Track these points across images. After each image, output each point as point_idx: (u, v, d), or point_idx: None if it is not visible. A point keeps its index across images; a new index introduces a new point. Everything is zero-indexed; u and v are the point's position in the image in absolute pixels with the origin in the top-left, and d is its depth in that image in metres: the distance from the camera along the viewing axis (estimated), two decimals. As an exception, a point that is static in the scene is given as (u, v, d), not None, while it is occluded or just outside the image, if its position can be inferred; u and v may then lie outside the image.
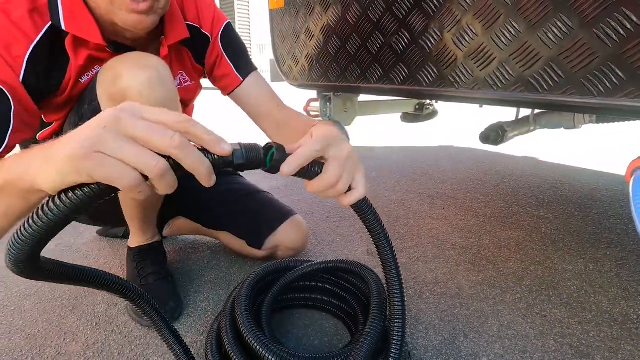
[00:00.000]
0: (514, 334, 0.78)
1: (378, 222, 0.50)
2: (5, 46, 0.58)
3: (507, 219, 1.37)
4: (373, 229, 0.51)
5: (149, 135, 0.31)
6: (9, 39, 0.58)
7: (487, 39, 0.67)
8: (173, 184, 0.33)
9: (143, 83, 0.60)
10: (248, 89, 0.86)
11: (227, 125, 3.56)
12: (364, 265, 0.76)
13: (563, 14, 0.56)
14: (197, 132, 0.33)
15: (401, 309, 0.53)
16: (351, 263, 0.77)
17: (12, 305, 0.87)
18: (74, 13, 0.61)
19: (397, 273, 0.53)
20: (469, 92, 0.72)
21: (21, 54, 0.59)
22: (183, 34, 0.76)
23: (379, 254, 0.53)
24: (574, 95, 0.57)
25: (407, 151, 2.56)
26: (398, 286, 0.53)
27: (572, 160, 2.27)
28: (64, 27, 0.61)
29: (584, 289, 0.94)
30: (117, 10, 0.59)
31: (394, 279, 0.53)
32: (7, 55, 0.58)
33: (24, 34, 0.59)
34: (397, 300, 0.53)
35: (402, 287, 0.54)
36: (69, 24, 0.61)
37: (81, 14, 0.62)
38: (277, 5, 1.19)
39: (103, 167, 0.30)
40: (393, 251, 0.52)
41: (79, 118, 0.68)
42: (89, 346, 0.75)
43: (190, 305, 0.88)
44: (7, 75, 0.58)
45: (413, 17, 0.80)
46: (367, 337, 0.56)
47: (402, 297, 0.53)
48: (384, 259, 0.52)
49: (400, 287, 0.53)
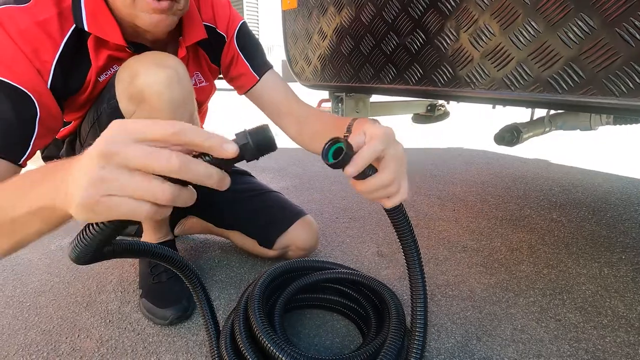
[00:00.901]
0: (527, 338, 0.77)
1: (410, 228, 0.49)
2: (34, 51, 0.58)
3: (519, 222, 1.35)
4: (403, 236, 0.49)
5: (147, 163, 0.29)
6: (37, 43, 0.58)
7: (504, 38, 0.67)
8: (189, 198, 0.32)
9: (161, 82, 0.60)
10: (265, 88, 0.86)
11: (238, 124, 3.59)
12: (379, 281, 0.77)
13: (584, 14, 0.56)
14: (194, 139, 0.30)
15: (423, 320, 0.52)
16: (367, 277, 0.78)
17: (27, 302, 0.89)
18: (96, 15, 0.62)
19: (423, 286, 0.51)
20: (485, 92, 0.72)
21: (49, 59, 0.60)
22: (201, 35, 0.76)
23: (406, 259, 0.51)
24: (594, 95, 0.56)
25: (417, 152, 2.55)
26: (422, 302, 0.51)
27: (585, 162, 2.24)
28: (87, 28, 0.61)
29: (599, 293, 0.92)
30: (138, 12, 0.60)
31: (420, 293, 0.51)
32: (36, 60, 0.58)
33: (51, 38, 0.60)
34: (420, 311, 0.52)
35: (426, 301, 0.52)
36: (92, 25, 0.62)
37: (103, 16, 0.63)
38: (290, 6, 1.20)
39: (117, 208, 0.30)
40: (420, 259, 0.51)
41: (96, 116, 0.69)
42: (102, 343, 0.75)
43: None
44: (35, 82, 0.58)
45: (428, 17, 0.80)
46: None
47: (425, 311, 0.52)
48: (410, 264, 0.51)
49: (425, 303, 0.52)
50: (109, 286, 0.94)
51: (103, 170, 0.29)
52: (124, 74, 0.62)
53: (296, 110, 0.85)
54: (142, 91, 0.60)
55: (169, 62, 0.63)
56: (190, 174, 0.30)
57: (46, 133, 0.61)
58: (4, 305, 0.87)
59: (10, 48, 0.56)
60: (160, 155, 0.29)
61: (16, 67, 0.56)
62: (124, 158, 0.29)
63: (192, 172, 0.30)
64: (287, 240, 0.98)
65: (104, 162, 0.29)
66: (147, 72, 0.60)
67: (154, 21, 0.61)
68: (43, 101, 0.59)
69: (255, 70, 0.86)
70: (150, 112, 0.64)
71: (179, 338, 0.77)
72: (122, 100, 0.63)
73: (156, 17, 0.60)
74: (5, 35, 0.56)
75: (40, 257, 1.09)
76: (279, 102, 0.86)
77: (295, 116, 0.85)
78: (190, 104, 0.69)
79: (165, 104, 0.63)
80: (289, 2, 1.19)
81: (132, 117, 0.66)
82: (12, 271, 1.01)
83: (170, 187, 0.30)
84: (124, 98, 0.63)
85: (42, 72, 0.59)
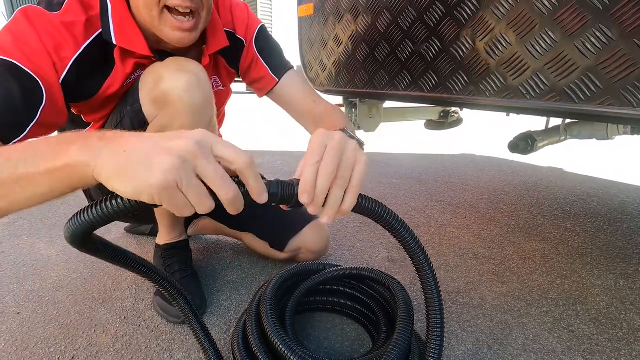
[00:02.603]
0: (539, 348, 0.76)
1: (415, 240, 0.47)
2: (55, 47, 0.61)
3: (532, 231, 1.34)
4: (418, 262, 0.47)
5: (214, 181, 0.35)
6: (60, 40, 0.61)
7: (521, 48, 0.67)
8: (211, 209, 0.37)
9: (182, 86, 0.62)
10: (284, 89, 0.88)
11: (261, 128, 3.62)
12: (389, 275, 0.76)
13: (602, 24, 0.56)
14: (249, 177, 0.37)
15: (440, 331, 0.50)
16: (377, 272, 0.78)
17: (46, 296, 0.91)
18: (123, 27, 0.65)
19: (440, 304, 0.49)
20: (500, 100, 0.72)
21: (68, 57, 0.63)
22: (223, 43, 0.78)
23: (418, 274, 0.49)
24: (612, 105, 0.56)
25: (429, 159, 2.54)
26: (439, 316, 0.49)
27: (601, 172, 2.20)
28: (115, 42, 0.64)
29: (614, 305, 0.91)
30: (162, 27, 0.63)
31: (436, 308, 0.49)
32: (55, 55, 0.61)
33: (74, 38, 0.62)
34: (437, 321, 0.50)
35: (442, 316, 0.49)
36: (120, 38, 0.64)
37: (130, 28, 0.65)
38: (306, 13, 1.21)
39: (173, 200, 0.34)
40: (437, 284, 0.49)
41: (119, 118, 0.71)
42: (117, 338, 0.77)
43: (213, 303, 0.89)
44: (49, 74, 0.60)
45: (444, 25, 0.81)
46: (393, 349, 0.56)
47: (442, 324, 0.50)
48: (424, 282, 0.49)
49: (442, 318, 0.49)
50: (124, 283, 0.97)
51: (183, 163, 0.33)
52: (149, 79, 0.65)
53: (313, 109, 0.86)
54: (165, 95, 0.62)
55: (190, 67, 0.65)
56: (232, 203, 0.37)
57: (44, 125, 0.61)
58: (25, 299, 0.90)
59: (33, 40, 0.59)
60: (226, 184, 0.36)
61: (34, 58, 0.59)
62: (203, 167, 0.35)
63: (234, 203, 0.37)
64: (298, 243, 0.99)
65: (187, 156, 0.34)
66: (170, 77, 0.62)
67: (178, 37, 0.63)
68: (51, 92, 0.61)
69: (274, 72, 0.87)
70: (171, 116, 0.66)
71: (192, 336, 0.78)
72: (146, 103, 0.66)
73: (180, 34, 0.63)
74: (31, 29, 0.59)
75: (59, 253, 1.12)
76: (298, 102, 0.88)
77: (312, 115, 0.86)
78: (210, 108, 0.71)
79: (186, 107, 0.65)
80: (306, 9, 1.21)
81: (154, 121, 0.68)
82: (32, 266, 1.05)
83: (213, 204, 0.36)
84: (147, 101, 0.65)
85: (57, 67, 0.61)
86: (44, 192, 0.38)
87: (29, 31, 0.59)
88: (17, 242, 1.20)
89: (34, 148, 0.39)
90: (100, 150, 0.35)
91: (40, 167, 0.37)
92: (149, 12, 0.61)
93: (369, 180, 1.96)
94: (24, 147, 0.40)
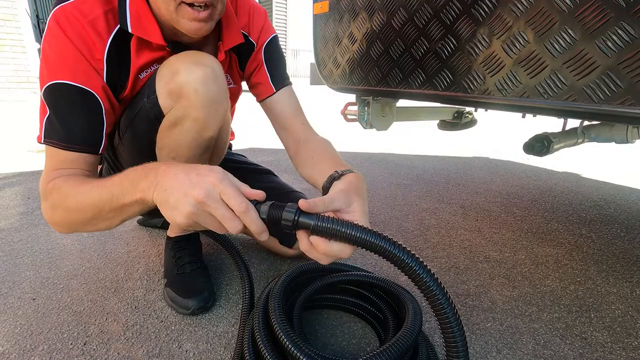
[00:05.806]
0: (550, 354, 0.74)
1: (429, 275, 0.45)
2: (89, 50, 0.63)
3: (545, 235, 1.31)
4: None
5: (240, 211, 0.47)
6: (90, 42, 0.63)
7: (539, 46, 0.66)
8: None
9: (198, 79, 0.63)
10: (277, 101, 0.89)
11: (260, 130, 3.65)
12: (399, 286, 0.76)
13: (625, 22, 0.54)
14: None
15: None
16: (388, 282, 0.78)
17: (61, 284, 0.94)
18: (140, 17, 0.66)
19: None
20: (516, 100, 0.70)
21: (101, 57, 0.65)
22: (238, 40, 0.79)
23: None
24: (633, 106, 0.55)
25: (442, 160, 2.51)
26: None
27: (620, 177, 2.14)
28: (131, 30, 0.65)
29: (630, 313, 0.88)
30: (179, 18, 0.64)
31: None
32: (91, 58, 0.64)
33: (100, 37, 0.64)
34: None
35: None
36: (135, 27, 0.66)
37: (146, 18, 0.66)
38: (321, 10, 1.22)
39: (204, 222, 0.49)
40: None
41: (137, 110, 0.73)
42: (128, 327, 0.79)
43: (222, 297, 0.90)
44: (95, 80, 0.64)
45: (461, 23, 0.80)
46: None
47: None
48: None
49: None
50: (136, 274, 0.98)
51: (208, 196, 0.47)
52: (165, 71, 0.66)
53: (298, 130, 0.86)
54: (181, 87, 0.63)
55: (206, 60, 0.65)
56: (234, 231, 0.48)
57: (110, 124, 0.69)
58: (40, 285, 0.92)
59: (70, 51, 0.62)
60: (249, 215, 0.47)
61: (78, 70, 0.62)
62: (227, 197, 0.47)
63: (236, 231, 0.48)
64: (307, 240, 0.99)
65: (201, 204, 0.47)
66: (187, 70, 0.63)
67: (194, 28, 0.64)
68: (104, 96, 0.67)
69: (274, 82, 0.88)
70: (186, 108, 0.67)
71: (200, 328, 0.79)
72: (162, 95, 0.67)
73: (196, 25, 0.64)
74: (65, 39, 0.61)
75: (74, 242, 1.15)
76: (286, 118, 0.88)
77: (295, 136, 0.86)
78: (225, 102, 0.71)
79: (202, 100, 0.66)
80: (321, 7, 1.21)
81: (169, 112, 0.69)
82: (47, 254, 1.07)
83: (240, 227, 0.48)
84: (163, 93, 0.66)
85: (97, 70, 0.65)
86: (140, 210, 0.56)
87: (64, 42, 0.62)
88: (34, 230, 1.23)
89: (120, 183, 0.56)
90: (155, 187, 0.51)
91: (129, 198, 0.54)
92: (166, 5, 0.62)
93: (380, 181, 1.95)
94: (114, 180, 0.57)
